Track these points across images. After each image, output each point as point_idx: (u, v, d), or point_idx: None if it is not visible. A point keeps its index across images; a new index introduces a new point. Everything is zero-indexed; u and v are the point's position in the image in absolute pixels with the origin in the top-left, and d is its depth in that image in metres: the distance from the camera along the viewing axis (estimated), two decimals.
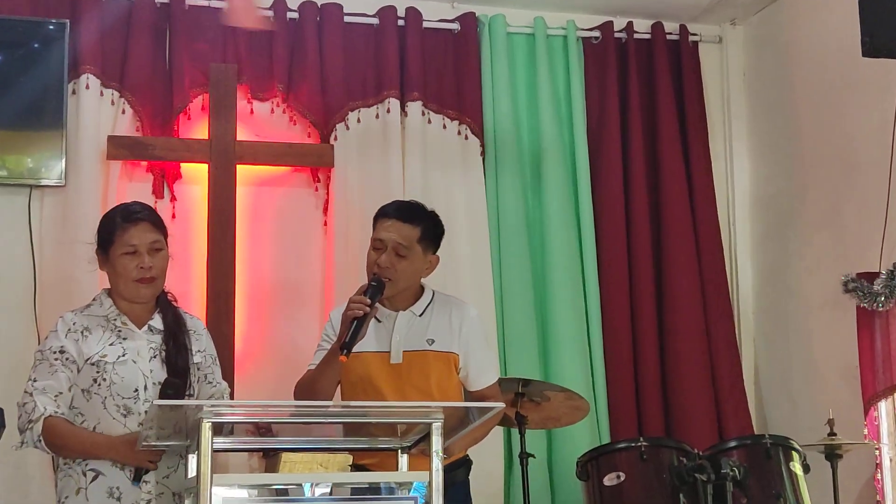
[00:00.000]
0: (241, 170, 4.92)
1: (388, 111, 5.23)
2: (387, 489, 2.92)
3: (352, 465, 3.33)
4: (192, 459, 2.88)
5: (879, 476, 4.68)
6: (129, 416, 3.26)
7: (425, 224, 3.68)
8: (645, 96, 5.61)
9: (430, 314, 3.69)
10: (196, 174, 4.98)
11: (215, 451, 2.69)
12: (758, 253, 5.68)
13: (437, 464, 2.83)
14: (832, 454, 4.37)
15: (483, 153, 5.35)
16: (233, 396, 3.93)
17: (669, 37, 5.70)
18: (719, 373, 5.41)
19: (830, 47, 5.12)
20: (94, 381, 3.28)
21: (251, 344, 4.96)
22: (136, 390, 3.28)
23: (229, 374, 4.16)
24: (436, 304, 3.72)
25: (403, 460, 3.11)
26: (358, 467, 3.43)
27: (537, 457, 4.69)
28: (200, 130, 4.99)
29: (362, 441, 3.21)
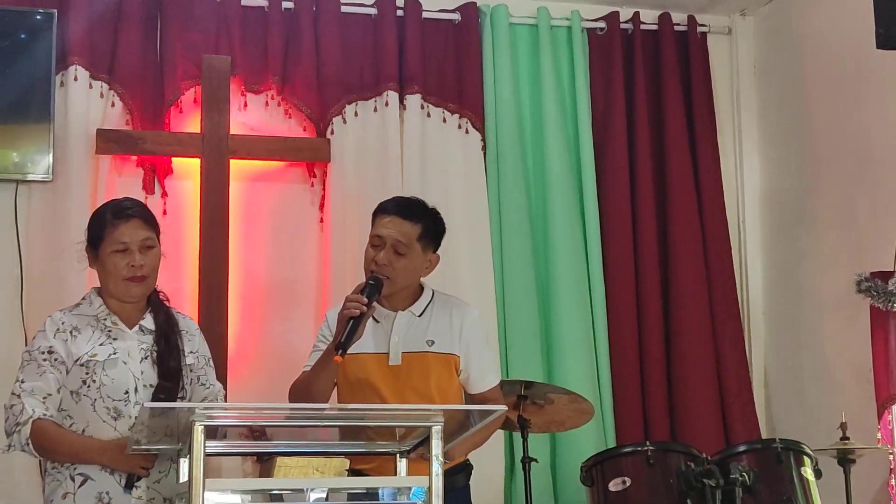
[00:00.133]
0: (235, 165, 4.94)
1: (386, 104, 5.23)
2: (390, 494, 2.93)
3: (349, 469, 3.34)
4: (184, 464, 2.87)
5: (893, 482, 4.68)
6: (119, 419, 3.26)
7: (426, 221, 3.67)
8: (652, 89, 5.61)
9: (429, 314, 3.69)
10: (188, 169, 4.98)
11: (208, 455, 2.68)
12: (768, 251, 5.68)
13: (437, 468, 2.83)
14: (845, 459, 4.37)
15: (484, 148, 5.35)
16: (226, 399, 3.93)
17: (677, 28, 5.70)
18: (726, 375, 5.42)
19: (843, 39, 5.12)
20: (84, 382, 3.28)
21: (244, 345, 4.96)
22: (127, 392, 3.28)
23: (222, 375, 4.16)
24: (436, 304, 3.72)
25: (402, 465, 3.10)
26: (355, 472, 3.44)
27: (540, 461, 4.70)
28: (192, 124, 4.99)
29: (360, 445, 3.20)
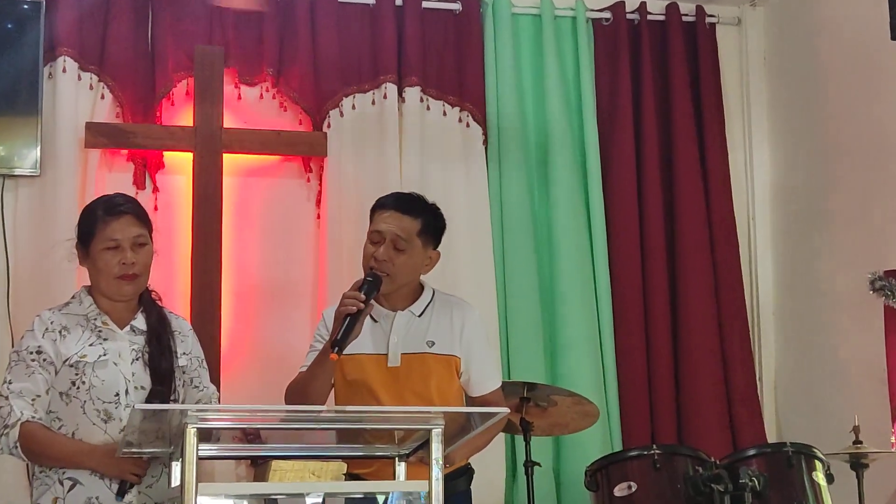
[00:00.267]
0: (228, 159, 4.93)
1: (384, 97, 5.23)
2: (394, 499, 2.93)
3: (346, 473, 3.34)
4: (176, 467, 2.88)
5: None
6: (109, 422, 3.26)
7: (426, 217, 3.68)
8: (658, 82, 5.60)
9: (430, 314, 3.69)
10: (180, 163, 4.98)
11: (201, 458, 2.68)
12: (779, 249, 5.69)
13: (437, 473, 2.83)
14: (857, 463, 4.37)
15: (486, 142, 5.35)
16: (219, 401, 3.93)
17: (685, 18, 5.70)
18: (732, 375, 5.42)
19: (857, 29, 5.11)
20: (73, 383, 3.28)
21: (238, 344, 4.97)
22: (117, 394, 3.28)
23: (215, 376, 4.17)
24: (436, 303, 3.72)
25: (401, 469, 3.11)
26: (352, 476, 3.45)
27: (543, 465, 4.68)
28: (185, 117, 4.99)
29: (357, 448, 3.21)
